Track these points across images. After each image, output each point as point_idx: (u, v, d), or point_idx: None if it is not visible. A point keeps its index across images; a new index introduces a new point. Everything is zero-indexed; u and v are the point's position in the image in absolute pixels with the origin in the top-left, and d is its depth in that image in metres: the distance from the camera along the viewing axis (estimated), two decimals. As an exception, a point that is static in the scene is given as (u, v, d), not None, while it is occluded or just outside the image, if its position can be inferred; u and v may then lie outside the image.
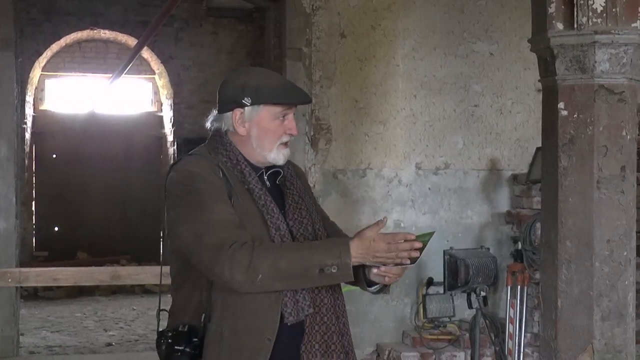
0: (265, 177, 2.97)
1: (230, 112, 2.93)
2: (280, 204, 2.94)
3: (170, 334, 2.87)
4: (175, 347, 2.84)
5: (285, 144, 2.95)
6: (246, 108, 2.91)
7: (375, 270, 2.85)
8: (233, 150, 2.93)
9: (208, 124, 3.02)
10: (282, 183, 3.01)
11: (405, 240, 2.76)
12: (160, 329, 2.94)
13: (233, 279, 2.75)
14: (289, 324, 2.83)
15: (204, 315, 2.87)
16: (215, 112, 3.00)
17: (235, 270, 2.73)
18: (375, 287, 2.95)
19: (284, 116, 2.93)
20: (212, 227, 2.78)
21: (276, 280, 2.75)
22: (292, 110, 2.96)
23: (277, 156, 2.94)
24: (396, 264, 2.80)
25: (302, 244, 2.82)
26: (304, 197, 3.02)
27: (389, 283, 2.91)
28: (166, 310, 3.01)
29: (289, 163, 3.07)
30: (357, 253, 2.74)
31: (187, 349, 2.84)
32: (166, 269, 3.12)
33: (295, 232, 2.92)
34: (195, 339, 2.85)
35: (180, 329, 2.87)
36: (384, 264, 2.79)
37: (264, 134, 2.92)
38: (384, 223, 2.78)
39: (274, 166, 2.97)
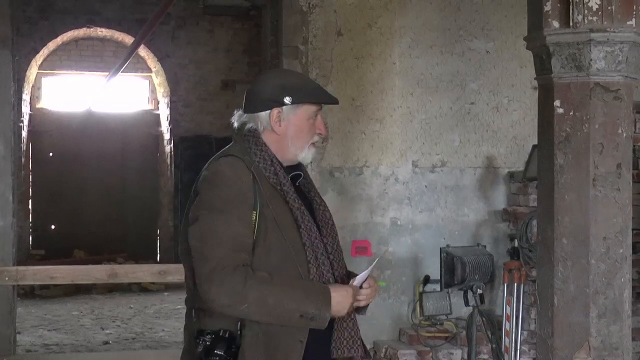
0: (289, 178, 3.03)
1: (268, 111, 2.97)
2: (307, 205, 3.01)
3: (210, 337, 2.87)
4: (216, 352, 2.85)
5: (314, 144, 3.03)
6: (284, 107, 2.96)
7: None
8: (268, 152, 2.97)
9: (235, 124, 3.05)
10: (302, 185, 3.08)
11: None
12: (202, 327, 2.92)
13: (217, 300, 2.80)
14: None
15: (239, 322, 2.88)
16: (240, 111, 3.04)
17: (222, 292, 2.78)
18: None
19: (315, 116, 3.02)
20: (218, 239, 2.82)
21: (258, 313, 2.82)
22: (321, 112, 3.05)
23: (306, 155, 3.03)
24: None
25: (291, 283, 2.87)
26: (323, 200, 3.12)
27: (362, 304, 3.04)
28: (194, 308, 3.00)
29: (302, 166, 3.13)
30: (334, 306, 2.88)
31: (226, 355, 2.85)
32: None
33: (325, 232, 3.01)
34: (234, 347, 2.87)
35: (221, 334, 2.87)
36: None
37: (299, 133, 2.99)
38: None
39: (294, 168, 3.04)
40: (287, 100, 2.95)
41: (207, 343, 2.86)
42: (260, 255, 2.86)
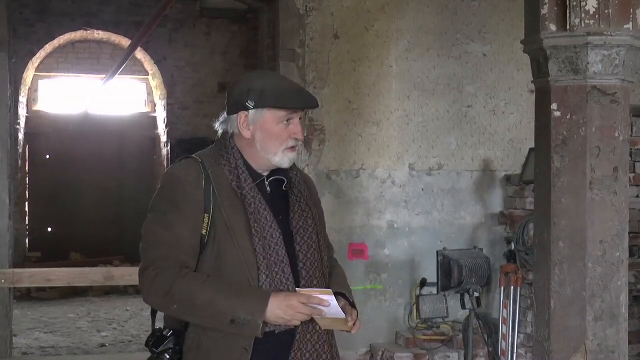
0: (267, 183, 2.95)
1: (236, 115, 2.93)
2: (285, 211, 2.94)
3: (158, 335, 2.91)
4: (153, 350, 2.89)
5: (292, 148, 2.93)
6: (250, 111, 2.90)
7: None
8: (234, 155, 2.92)
9: (217, 126, 3.02)
10: (289, 189, 2.99)
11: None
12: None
13: (150, 300, 2.86)
14: (277, 332, 2.82)
15: (184, 323, 2.89)
16: (225, 114, 3.00)
17: (152, 292, 2.81)
18: None
19: (288, 120, 2.91)
20: (156, 240, 2.85)
21: (190, 315, 2.80)
22: (299, 115, 2.94)
23: (282, 159, 2.92)
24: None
25: (226, 286, 2.79)
26: (310, 206, 3.01)
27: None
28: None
29: (299, 172, 3.07)
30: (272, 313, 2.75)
31: (166, 355, 2.87)
32: None
33: (300, 239, 2.92)
34: (176, 346, 2.87)
35: (164, 333, 2.90)
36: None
37: (268, 137, 2.90)
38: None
39: (277, 172, 2.96)
40: (249, 104, 2.89)
41: (151, 342, 2.90)
42: (210, 259, 2.83)
